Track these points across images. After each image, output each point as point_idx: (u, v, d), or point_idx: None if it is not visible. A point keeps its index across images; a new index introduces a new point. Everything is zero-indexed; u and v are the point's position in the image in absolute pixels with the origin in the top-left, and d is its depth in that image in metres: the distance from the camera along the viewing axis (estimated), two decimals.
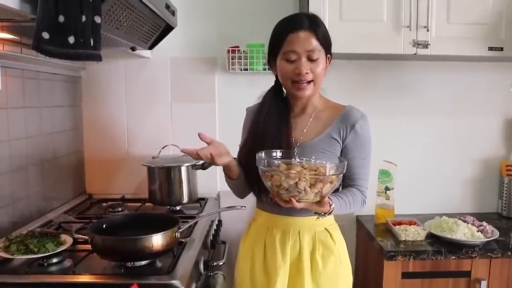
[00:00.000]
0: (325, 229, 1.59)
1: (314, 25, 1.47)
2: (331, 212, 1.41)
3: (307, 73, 1.46)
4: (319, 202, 1.35)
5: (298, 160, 1.44)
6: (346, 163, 1.37)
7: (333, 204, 1.41)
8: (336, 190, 1.53)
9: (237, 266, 1.71)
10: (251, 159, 1.42)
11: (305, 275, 1.54)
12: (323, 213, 1.41)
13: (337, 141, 1.54)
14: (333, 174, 1.32)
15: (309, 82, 1.48)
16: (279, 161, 1.39)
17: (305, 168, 1.33)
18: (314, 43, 1.46)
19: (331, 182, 1.32)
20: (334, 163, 1.39)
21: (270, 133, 1.53)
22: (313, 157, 1.44)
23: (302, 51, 1.45)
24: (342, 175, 1.36)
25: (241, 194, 1.67)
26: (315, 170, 1.32)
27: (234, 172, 1.55)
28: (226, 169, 1.54)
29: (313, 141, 1.54)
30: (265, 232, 1.61)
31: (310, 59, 1.46)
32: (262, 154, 1.39)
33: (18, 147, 1.88)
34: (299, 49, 1.45)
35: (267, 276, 1.58)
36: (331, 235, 1.59)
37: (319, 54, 1.47)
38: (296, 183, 1.29)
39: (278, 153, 1.47)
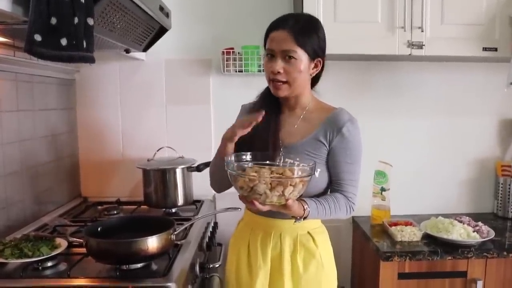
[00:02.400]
0: (308, 232, 1.57)
1: (297, 27, 1.45)
2: (306, 217, 1.41)
3: (279, 72, 1.45)
4: (285, 206, 1.33)
5: (282, 162, 1.43)
6: (314, 167, 1.34)
7: (307, 207, 1.40)
8: (322, 195, 1.53)
9: (226, 264, 1.72)
10: None
11: (285, 277, 1.53)
12: (298, 217, 1.41)
13: (324, 144, 1.51)
14: (296, 177, 1.29)
15: (284, 82, 1.48)
16: (250, 164, 1.38)
17: (271, 171, 1.31)
18: (290, 44, 1.44)
19: (293, 185, 1.29)
20: (303, 166, 1.37)
21: (258, 133, 1.49)
22: (297, 159, 1.42)
23: (278, 50, 1.45)
24: (309, 178, 1.32)
25: (220, 187, 1.65)
26: (281, 173, 1.30)
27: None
28: (229, 147, 1.49)
29: (298, 142, 1.53)
30: (249, 232, 1.62)
31: (286, 60, 1.45)
32: (231, 158, 1.38)
33: (12, 151, 1.87)
34: (275, 47, 1.46)
35: (251, 276, 1.58)
36: (313, 239, 1.56)
37: (296, 55, 1.44)
38: (254, 186, 1.27)
39: (248, 156, 1.44)
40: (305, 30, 1.46)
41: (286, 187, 1.28)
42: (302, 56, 1.46)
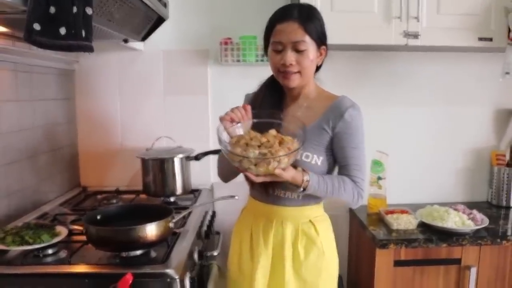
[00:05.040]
0: (310, 221, 1.58)
1: (304, 16, 1.46)
2: (305, 188, 1.42)
3: (291, 64, 1.46)
4: (275, 175, 1.33)
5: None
6: (302, 142, 1.35)
7: (308, 179, 1.41)
8: None
9: (229, 250, 1.74)
10: None
11: (286, 264, 1.55)
12: (299, 187, 1.42)
13: (326, 131, 1.52)
14: (282, 155, 1.30)
15: (295, 72, 1.49)
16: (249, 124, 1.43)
17: (261, 144, 1.33)
18: (301, 34, 1.45)
19: (278, 161, 1.30)
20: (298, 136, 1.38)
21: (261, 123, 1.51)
22: (295, 134, 1.42)
23: (287, 42, 1.46)
24: (296, 152, 1.34)
25: (227, 177, 1.68)
26: (270, 146, 1.32)
27: None
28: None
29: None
30: (252, 219, 1.64)
31: (297, 50, 1.46)
32: (222, 136, 1.39)
33: (12, 141, 1.89)
34: (285, 40, 1.46)
35: (252, 262, 1.60)
36: (315, 227, 1.57)
37: (307, 45, 1.46)
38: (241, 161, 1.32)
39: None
40: (310, 18, 1.48)
41: (269, 163, 1.30)
42: (311, 45, 1.47)
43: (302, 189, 1.43)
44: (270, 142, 1.34)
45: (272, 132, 1.40)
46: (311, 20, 1.47)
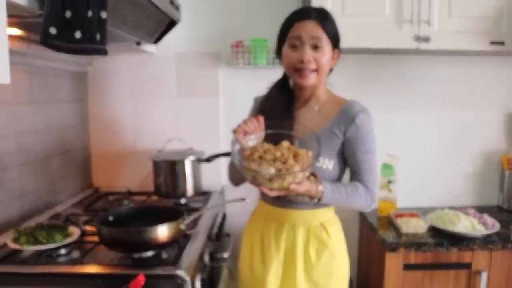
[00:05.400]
0: (321, 224, 1.58)
1: (322, 16, 1.49)
2: (320, 198, 1.41)
3: (309, 61, 1.47)
4: (289, 189, 1.33)
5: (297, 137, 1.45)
6: (317, 156, 1.35)
7: (322, 189, 1.40)
8: None
9: (240, 253, 1.74)
10: None
11: (298, 268, 1.55)
12: (314, 199, 1.42)
13: (337, 136, 1.52)
14: (297, 171, 1.29)
15: (312, 71, 1.49)
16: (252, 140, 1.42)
17: (275, 158, 1.32)
18: (320, 32, 1.47)
19: (293, 176, 1.30)
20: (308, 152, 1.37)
21: (272, 126, 1.50)
22: (310, 147, 1.41)
23: (306, 38, 1.47)
24: (311, 167, 1.33)
25: (237, 182, 1.68)
26: (285, 161, 1.31)
27: None
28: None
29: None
30: (263, 222, 1.64)
31: (315, 48, 1.48)
32: (235, 148, 1.39)
33: (26, 142, 1.91)
34: (304, 35, 1.47)
35: (264, 265, 1.60)
36: (326, 230, 1.58)
37: (324, 43, 1.48)
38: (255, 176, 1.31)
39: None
40: (327, 18, 1.50)
41: (284, 179, 1.30)
42: (327, 45, 1.49)
43: (317, 200, 1.43)
44: (284, 157, 1.33)
45: (285, 144, 1.39)
46: (327, 20, 1.50)
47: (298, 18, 1.50)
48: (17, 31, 1.59)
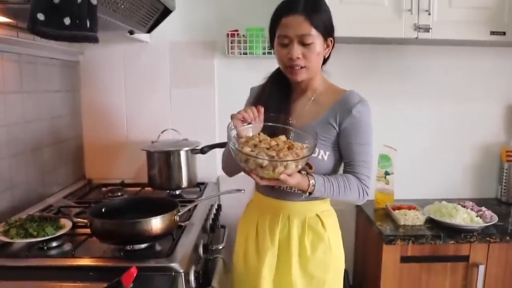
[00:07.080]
0: (317, 215, 1.57)
1: (309, 8, 1.43)
2: (311, 192, 1.40)
3: (298, 58, 1.44)
4: (279, 180, 1.31)
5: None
6: (313, 148, 1.34)
7: (314, 182, 1.39)
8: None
9: (235, 245, 1.73)
10: None
11: (293, 260, 1.53)
12: (305, 191, 1.40)
13: (333, 126, 1.49)
14: (289, 160, 1.28)
15: (302, 67, 1.46)
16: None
17: (270, 147, 1.31)
18: (307, 27, 1.42)
19: (284, 166, 1.29)
20: (305, 145, 1.36)
21: (269, 118, 1.47)
22: (306, 142, 1.40)
23: (293, 36, 1.43)
24: (305, 159, 1.32)
25: (231, 172, 1.65)
26: (279, 150, 1.30)
27: None
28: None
29: (308, 125, 1.50)
30: (258, 214, 1.62)
31: (303, 44, 1.44)
32: (231, 132, 1.37)
33: (17, 132, 1.88)
34: (291, 33, 1.43)
35: (258, 257, 1.58)
36: (322, 222, 1.56)
37: (313, 38, 1.43)
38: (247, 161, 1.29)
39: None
40: (316, 10, 1.44)
41: (276, 167, 1.28)
42: (317, 38, 1.44)
43: (308, 193, 1.42)
44: (279, 146, 1.32)
45: (282, 137, 1.38)
46: (317, 12, 1.44)
47: (286, 12, 1.44)
48: (4, 19, 1.54)
